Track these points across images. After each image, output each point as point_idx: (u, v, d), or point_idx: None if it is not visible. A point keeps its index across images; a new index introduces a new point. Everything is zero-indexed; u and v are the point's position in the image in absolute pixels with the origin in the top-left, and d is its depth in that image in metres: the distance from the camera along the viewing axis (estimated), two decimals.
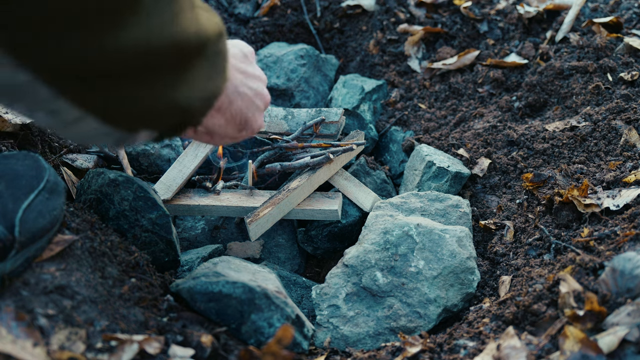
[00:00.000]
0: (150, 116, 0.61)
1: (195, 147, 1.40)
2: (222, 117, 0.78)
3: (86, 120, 0.58)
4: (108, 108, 0.58)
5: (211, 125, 0.78)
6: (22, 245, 0.84)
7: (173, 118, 0.63)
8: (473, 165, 1.41)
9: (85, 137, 0.62)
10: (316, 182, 1.32)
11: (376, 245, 1.16)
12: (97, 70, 0.54)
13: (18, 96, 0.56)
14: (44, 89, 0.54)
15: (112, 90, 0.56)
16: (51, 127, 0.61)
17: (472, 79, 1.68)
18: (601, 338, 0.79)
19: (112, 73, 0.55)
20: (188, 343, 0.89)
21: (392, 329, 1.08)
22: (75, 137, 0.63)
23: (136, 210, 1.07)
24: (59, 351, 0.77)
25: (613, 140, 1.30)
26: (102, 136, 0.62)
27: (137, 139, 0.64)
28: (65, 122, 0.58)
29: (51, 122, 0.59)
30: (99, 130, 0.60)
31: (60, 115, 0.57)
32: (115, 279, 0.94)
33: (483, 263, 1.20)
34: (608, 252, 0.97)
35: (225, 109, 0.77)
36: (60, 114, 0.57)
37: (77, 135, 0.62)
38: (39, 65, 0.52)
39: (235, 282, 0.98)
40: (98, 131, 0.60)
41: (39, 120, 0.60)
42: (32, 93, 0.54)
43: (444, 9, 1.86)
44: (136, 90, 0.57)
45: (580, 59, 1.51)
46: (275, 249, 1.37)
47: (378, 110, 1.72)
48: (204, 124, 0.77)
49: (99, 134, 0.61)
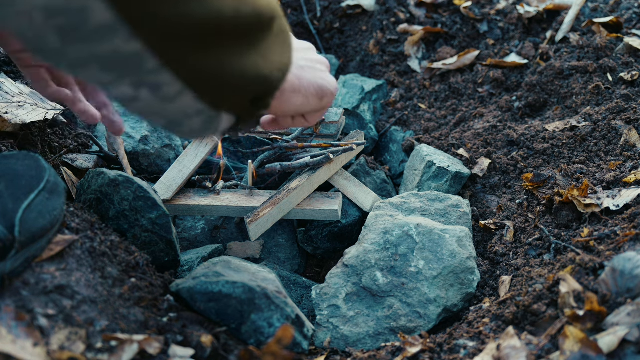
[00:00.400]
0: (239, 85, 0.64)
1: (195, 147, 1.40)
2: (300, 94, 0.81)
3: (184, 95, 0.62)
4: (204, 78, 0.61)
5: (294, 107, 0.82)
6: (22, 245, 0.84)
7: (257, 88, 0.67)
8: (473, 165, 1.41)
9: (181, 119, 0.66)
10: (316, 182, 1.32)
11: (376, 245, 1.16)
12: (197, 34, 0.57)
13: (127, 69, 0.58)
14: (152, 60, 0.57)
15: (210, 56, 0.60)
16: (151, 108, 0.64)
17: (472, 79, 1.68)
18: (601, 338, 0.79)
19: (208, 39, 0.58)
20: (188, 343, 0.89)
21: (392, 329, 1.08)
22: (172, 120, 0.66)
23: (136, 210, 1.07)
24: (59, 351, 0.77)
25: (613, 140, 1.30)
26: (194, 117, 0.66)
27: (221, 125, 0.69)
28: (165, 99, 0.62)
29: (153, 100, 0.62)
30: (193, 108, 0.64)
31: (162, 90, 0.61)
32: (115, 279, 0.94)
33: (483, 263, 1.20)
34: (608, 252, 0.97)
35: (299, 86, 0.81)
36: (162, 88, 0.60)
37: (174, 116, 0.65)
38: (150, 30, 0.55)
39: (235, 282, 0.98)
40: (192, 109, 0.64)
41: (143, 98, 0.62)
42: (140, 64, 0.58)
43: (444, 9, 1.86)
44: (229, 56, 0.61)
45: (580, 59, 1.52)
46: (275, 249, 1.37)
47: (378, 110, 1.72)
48: (287, 108, 0.81)
49: (192, 113, 0.65)
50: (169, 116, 0.66)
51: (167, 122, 0.67)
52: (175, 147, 1.51)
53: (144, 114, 0.66)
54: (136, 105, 0.64)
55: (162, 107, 0.63)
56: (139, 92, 0.61)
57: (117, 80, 0.60)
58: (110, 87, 0.61)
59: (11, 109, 1.18)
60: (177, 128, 0.68)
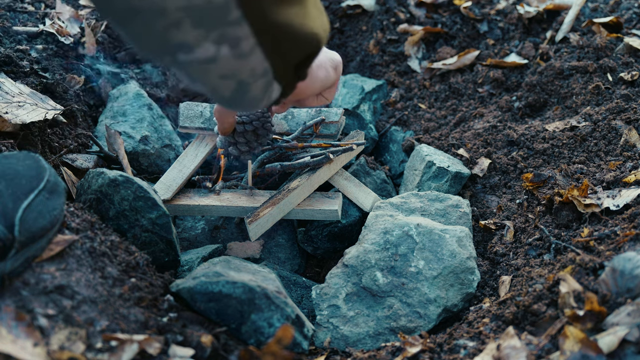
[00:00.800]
0: (300, 41, 0.70)
1: (196, 147, 1.40)
2: (322, 68, 0.93)
3: (255, 52, 0.67)
4: (275, 32, 0.67)
5: (320, 81, 0.94)
6: (22, 245, 0.84)
7: (311, 45, 0.72)
8: (473, 165, 1.41)
9: (248, 81, 0.71)
10: (316, 182, 1.32)
11: (376, 245, 1.16)
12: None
13: (214, 21, 0.62)
14: (235, 11, 0.62)
15: (281, 11, 0.66)
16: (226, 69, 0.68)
17: (472, 79, 1.68)
18: (601, 338, 0.79)
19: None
20: (188, 343, 0.89)
21: (392, 329, 1.08)
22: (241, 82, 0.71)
23: (136, 210, 1.07)
24: (59, 351, 0.77)
25: (613, 140, 1.30)
26: (259, 79, 0.71)
27: (273, 94, 0.76)
28: (241, 55, 0.66)
29: (230, 57, 0.66)
30: (260, 68, 0.69)
31: (240, 46, 0.65)
32: (115, 279, 0.94)
33: (483, 263, 1.20)
34: (608, 252, 0.97)
35: (319, 61, 0.93)
36: (240, 43, 0.65)
37: (244, 77, 0.70)
38: None
39: (235, 282, 0.98)
40: (260, 69, 0.69)
41: (222, 57, 0.66)
42: (225, 16, 0.62)
43: (444, 9, 1.86)
44: (294, 14, 0.67)
45: (580, 59, 1.52)
46: (275, 249, 1.37)
47: (378, 110, 1.72)
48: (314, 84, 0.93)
49: (259, 74, 0.70)
50: (240, 77, 0.70)
51: (236, 86, 0.71)
52: (175, 147, 1.51)
53: (217, 78, 0.69)
54: (213, 69, 0.67)
55: (236, 66, 0.68)
56: (220, 49, 0.65)
57: (204, 38, 0.63)
58: (196, 49, 0.64)
59: (11, 109, 1.18)
60: (243, 95, 0.73)
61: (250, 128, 1.21)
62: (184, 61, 0.66)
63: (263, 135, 1.24)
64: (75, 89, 1.45)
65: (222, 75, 0.69)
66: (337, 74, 0.98)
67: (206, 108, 1.43)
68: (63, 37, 1.51)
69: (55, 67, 1.44)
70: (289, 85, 0.77)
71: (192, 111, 1.43)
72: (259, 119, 1.22)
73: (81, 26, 1.60)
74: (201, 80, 0.69)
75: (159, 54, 0.66)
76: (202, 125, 1.42)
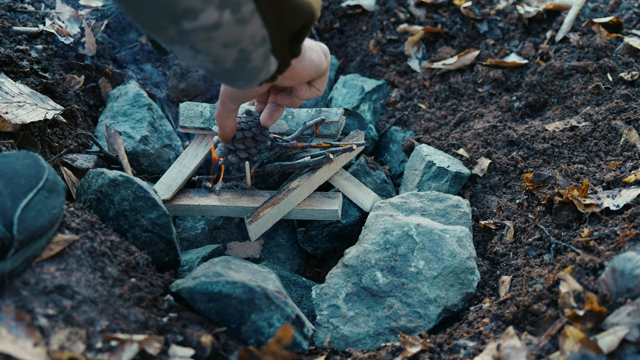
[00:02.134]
0: (296, 8, 0.74)
1: (196, 147, 1.40)
2: (313, 51, 0.95)
3: (254, 18, 0.70)
4: None
5: (313, 65, 0.95)
6: (21, 244, 0.84)
7: (306, 15, 0.76)
8: (473, 165, 1.41)
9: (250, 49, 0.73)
10: (316, 182, 1.32)
11: (376, 245, 1.16)
12: None
13: None
14: None
15: None
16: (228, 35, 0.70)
17: (472, 79, 1.68)
18: (601, 338, 0.79)
19: None
20: (188, 343, 0.89)
21: (392, 329, 1.08)
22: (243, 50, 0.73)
23: (136, 210, 1.07)
24: (59, 351, 0.77)
25: (613, 140, 1.30)
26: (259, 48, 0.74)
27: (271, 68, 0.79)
28: (241, 21, 0.68)
29: (231, 23, 0.68)
30: (260, 34, 0.72)
31: (241, 10, 0.67)
32: (115, 279, 0.93)
33: (483, 263, 1.20)
34: (608, 252, 0.97)
35: (309, 44, 0.95)
36: (240, 7, 0.67)
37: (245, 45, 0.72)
38: None
39: (235, 282, 0.98)
40: (259, 36, 0.72)
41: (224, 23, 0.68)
42: None
43: (444, 9, 1.86)
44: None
45: (580, 59, 1.52)
46: (275, 249, 1.37)
47: (378, 110, 1.72)
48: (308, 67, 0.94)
49: (259, 41, 0.73)
50: (241, 44, 0.71)
51: (238, 55, 0.73)
52: (175, 147, 1.51)
53: (221, 47, 0.71)
54: (217, 36, 0.69)
55: (238, 33, 0.69)
56: (223, 14, 0.66)
57: (208, 2, 0.65)
58: (201, 14, 0.65)
59: (11, 109, 1.18)
60: (244, 64, 0.75)
61: (250, 134, 1.22)
62: (189, 29, 0.67)
63: (262, 141, 1.25)
64: (75, 89, 1.45)
65: (225, 43, 0.70)
66: (327, 61, 1.01)
67: (206, 108, 1.43)
68: (63, 37, 1.51)
69: (55, 67, 1.44)
70: (284, 61, 0.80)
71: (192, 111, 1.43)
72: (258, 125, 1.23)
73: (81, 26, 1.60)
74: (205, 50, 0.71)
75: (163, 25, 0.67)
76: (202, 125, 1.42)
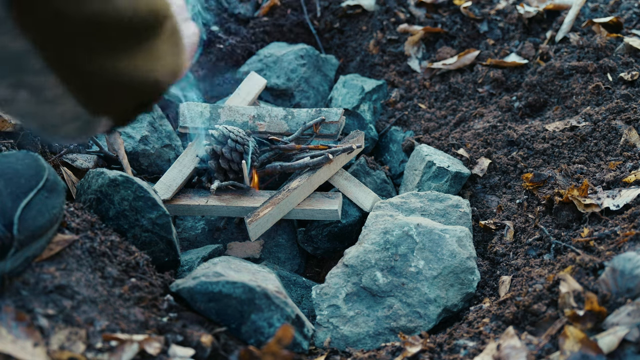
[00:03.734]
0: (127, 92, 0.61)
1: (196, 147, 1.40)
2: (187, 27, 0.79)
3: (64, 100, 0.59)
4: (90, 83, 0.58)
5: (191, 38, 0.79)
6: (21, 244, 0.84)
7: (147, 94, 0.64)
8: (473, 165, 1.41)
9: (57, 123, 0.63)
10: (316, 182, 1.32)
11: (376, 245, 1.16)
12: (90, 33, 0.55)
13: (10, 67, 0.56)
14: (37, 60, 0.54)
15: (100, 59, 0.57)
16: (27, 110, 0.61)
17: (472, 79, 1.68)
18: (601, 338, 0.79)
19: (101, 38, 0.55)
20: (188, 343, 0.89)
21: (392, 329, 1.08)
22: (47, 123, 0.63)
23: (136, 210, 1.07)
24: (59, 351, 0.77)
25: (613, 140, 1.30)
26: (71, 123, 0.62)
27: (97, 129, 0.65)
28: (44, 101, 0.59)
29: (31, 102, 0.59)
30: (72, 112, 0.60)
31: (43, 92, 0.58)
32: (115, 279, 0.93)
33: (483, 263, 1.20)
34: (608, 252, 0.97)
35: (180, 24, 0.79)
36: (43, 90, 0.57)
37: (50, 120, 0.62)
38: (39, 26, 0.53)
39: (235, 282, 0.98)
40: (70, 114, 0.61)
41: (20, 100, 0.59)
42: (25, 63, 0.55)
43: (444, 9, 1.86)
44: (121, 60, 0.58)
45: (580, 59, 1.51)
46: (275, 249, 1.37)
47: (378, 110, 1.72)
48: None
49: (69, 118, 0.61)
50: (44, 120, 0.62)
51: (41, 126, 0.64)
52: (175, 147, 1.51)
53: (17, 116, 0.63)
54: (10, 108, 0.61)
55: (39, 110, 0.60)
56: (17, 94, 0.58)
57: None
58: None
59: None
60: (51, 131, 0.65)
61: (227, 153, 1.28)
62: None
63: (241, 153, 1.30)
64: None
65: (23, 114, 0.63)
66: None
67: (206, 108, 1.43)
68: None
69: None
70: (126, 121, 0.68)
71: (192, 111, 1.43)
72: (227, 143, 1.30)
73: None
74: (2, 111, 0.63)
75: None
76: (202, 125, 1.42)
